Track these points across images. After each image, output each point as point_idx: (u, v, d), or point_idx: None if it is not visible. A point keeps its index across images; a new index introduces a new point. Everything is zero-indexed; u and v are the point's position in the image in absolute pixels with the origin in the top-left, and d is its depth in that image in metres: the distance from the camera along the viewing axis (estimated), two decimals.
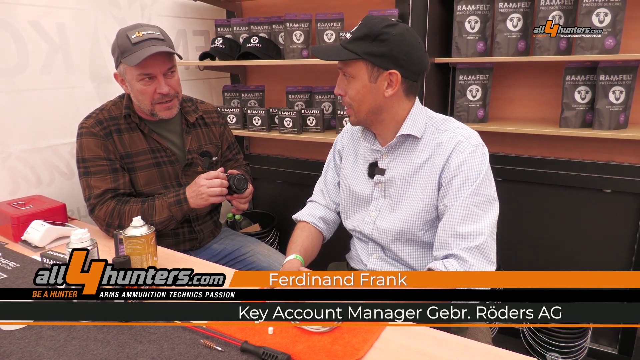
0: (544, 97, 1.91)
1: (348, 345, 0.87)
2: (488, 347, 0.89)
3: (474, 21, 1.79)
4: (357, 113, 1.14)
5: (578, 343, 1.79)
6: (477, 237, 1.03)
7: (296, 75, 2.39)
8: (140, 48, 1.31)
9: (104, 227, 1.40)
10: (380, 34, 1.04)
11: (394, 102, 1.12)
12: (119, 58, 1.36)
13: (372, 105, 1.11)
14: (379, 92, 1.09)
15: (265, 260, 1.60)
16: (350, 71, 1.09)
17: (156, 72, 1.35)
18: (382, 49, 1.05)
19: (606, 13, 1.59)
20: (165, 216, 1.39)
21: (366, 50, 1.05)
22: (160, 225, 1.39)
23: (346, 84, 1.12)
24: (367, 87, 1.09)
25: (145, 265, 1.08)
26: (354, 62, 1.08)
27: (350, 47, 1.07)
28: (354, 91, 1.11)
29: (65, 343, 0.90)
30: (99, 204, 1.38)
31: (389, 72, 1.07)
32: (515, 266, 2.03)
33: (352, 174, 1.27)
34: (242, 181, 1.43)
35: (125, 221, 1.35)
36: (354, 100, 1.12)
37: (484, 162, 1.07)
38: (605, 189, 1.82)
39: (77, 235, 1.04)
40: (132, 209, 1.37)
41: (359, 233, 1.27)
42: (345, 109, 1.17)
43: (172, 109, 1.43)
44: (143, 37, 1.33)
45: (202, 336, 0.91)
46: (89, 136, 1.40)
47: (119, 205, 1.38)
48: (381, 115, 1.13)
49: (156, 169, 1.47)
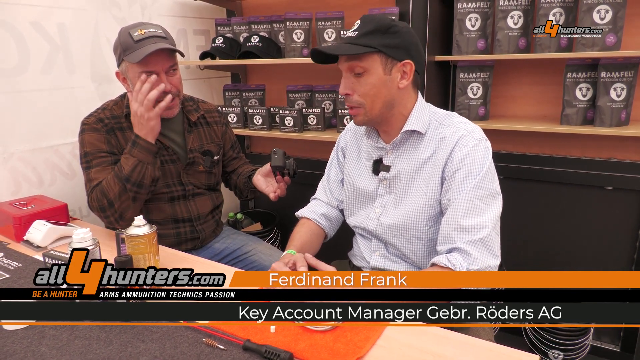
0: (545, 94, 1.91)
1: (350, 343, 0.87)
2: (490, 344, 0.89)
3: (474, 19, 1.79)
4: (369, 111, 1.11)
5: (580, 340, 1.79)
6: (480, 230, 1.02)
7: (297, 74, 2.39)
8: (142, 45, 1.31)
9: (102, 216, 1.36)
10: (390, 27, 1.06)
11: (405, 95, 1.13)
12: (121, 56, 1.36)
13: (387, 99, 1.10)
14: (393, 84, 1.09)
15: (266, 259, 1.60)
16: (363, 66, 1.07)
17: (158, 69, 1.35)
18: (396, 41, 1.06)
19: (607, 10, 1.58)
20: (132, 163, 1.31)
21: (381, 42, 1.05)
22: (135, 174, 1.31)
23: (354, 82, 1.10)
24: (382, 80, 1.08)
25: (147, 264, 1.08)
26: (367, 55, 1.07)
27: (362, 42, 1.06)
28: (367, 86, 1.09)
29: (67, 342, 0.91)
30: (90, 193, 1.36)
31: (402, 62, 1.08)
32: (517, 263, 2.03)
33: (356, 171, 1.28)
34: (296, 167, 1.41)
35: (109, 194, 1.31)
36: (367, 96, 1.10)
37: (487, 156, 1.07)
38: (607, 186, 1.81)
39: (79, 235, 1.04)
40: (108, 180, 1.33)
41: (363, 230, 1.27)
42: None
43: (173, 108, 1.43)
44: (145, 34, 1.33)
45: (204, 335, 0.91)
46: (90, 131, 1.40)
47: (100, 184, 1.34)
48: (392, 110, 1.13)
49: None
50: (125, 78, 1.40)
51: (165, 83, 1.36)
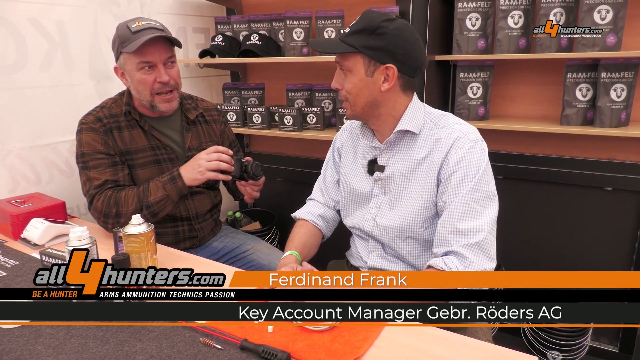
0: (545, 94, 1.91)
1: (348, 343, 0.87)
2: (489, 345, 0.88)
3: (474, 18, 1.79)
4: (353, 107, 1.14)
5: (579, 341, 1.79)
6: (477, 234, 1.02)
7: (296, 73, 2.38)
8: (140, 36, 1.31)
9: (101, 219, 1.37)
10: (377, 28, 1.04)
11: (391, 97, 1.12)
12: (119, 49, 1.36)
13: (368, 100, 1.11)
14: (375, 86, 1.09)
15: (265, 258, 1.60)
16: (347, 65, 1.09)
17: (156, 60, 1.35)
18: (379, 43, 1.05)
19: (608, 10, 1.58)
20: (160, 195, 1.35)
21: (363, 43, 1.05)
22: (157, 206, 1.35)
23: (343, 77, 1.12)
24: (364, 81, 1.09)
25: (144, 263, 1.08)
26: (351, 55, 1.08)
27: (347, 41, 1.07)
28: (350, 85, 1.11)
29: (64, 341, 0.90)
30: (97, 194, 1.36)
31: (385, 66, 1.06)
32: (516, 264, 2.03)
33: (351, 171, 1.27)
34: (259, 167, 1.42)
35: (122, 208, 1.34)
36: (350, 93, 1.12)
37: (483, 158, 1.07)
38: (607, 187, 1.81)
39: (76, 233, 1.04)
40: (127, 194, 1.35)
41: (359, 230, 1.27)
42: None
43: (172, 101, 1.43)
44: (143, 26, 1.34)
45: (201, 334, 0.91)
46: (88, 131, 1.40)
47: (115, 192, 1.36)
48: (377, 110, 1.13)
49: (156, 166, 1.46)
50: (124, 72, 1.40)
51: (163, 75, 1.36)
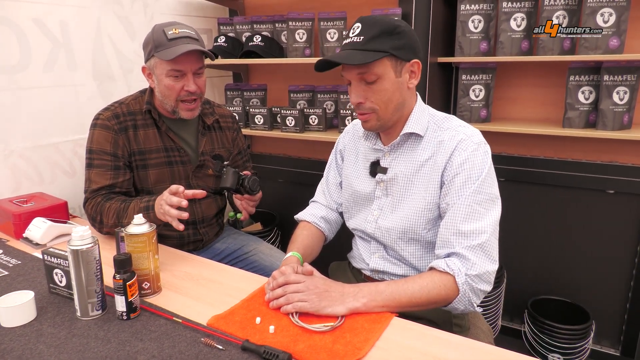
0: (547, 97, 1.91)
1: (349, 344, 0.87)
2: (490, 347, 0.88)
3: (477, 20, 1.79)
4: (381, 116, 1.09)
5: (580, 344, 1.78)
6: (479, 236, 1.02)
7: (299, 74, 2.39)
8: (175, 44, 1.33)
9: (90, 221, 1.40)
10: (396, 27, 1.04)
11: (411, 95, 1.13)
12: (151, 51, 1.36)
13: (399, 101, 1.10)
14: (404, 85, 1.09)
15: (267, 259, 1.60)
16: (377, 72, 1.04)
17: (187, 69, 1.37)
18: (403, 41, 1.04)
19: (610, 13, 1.58)
20: None
21: (391, 45, 1.03)
22: None
23: (366, 89, 1.07)
24: (395, 83, 1.07)
25: (146, 263, 1.08)
26: (378, 61, 1.03)
27: (371, 47, 1.02)
28: (381, 92, 1.06)
29: (65, 340, 0.90)
30: (91, 198, 1.39)
31: (411, 62, 1.07)
32: (518, 266, 2.03)
33: (353, 173, 1.27)
34: (257, 183, 1.42)
35: (104, 217, 1.35)
36: (381, 102, 1.08)
37: (486, 160, 1.07)
38: (609, 190, 1.81)
39: (78, 233, 1.04)
40: (110, 207, 1.35)
41: (362, 232, 1.26)
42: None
43: (194, 110, 1.44)
44: (179, 34, 1.35)
45: (202, 334, 0.91)
46: (101, 128, 1.41)
47: (103, 201, 1.37)
48: (401, 111, 1.12)
49: (167, 167, 1.47)
50: (151, 73, 1.41)
51: (191, 84, 1.38)
